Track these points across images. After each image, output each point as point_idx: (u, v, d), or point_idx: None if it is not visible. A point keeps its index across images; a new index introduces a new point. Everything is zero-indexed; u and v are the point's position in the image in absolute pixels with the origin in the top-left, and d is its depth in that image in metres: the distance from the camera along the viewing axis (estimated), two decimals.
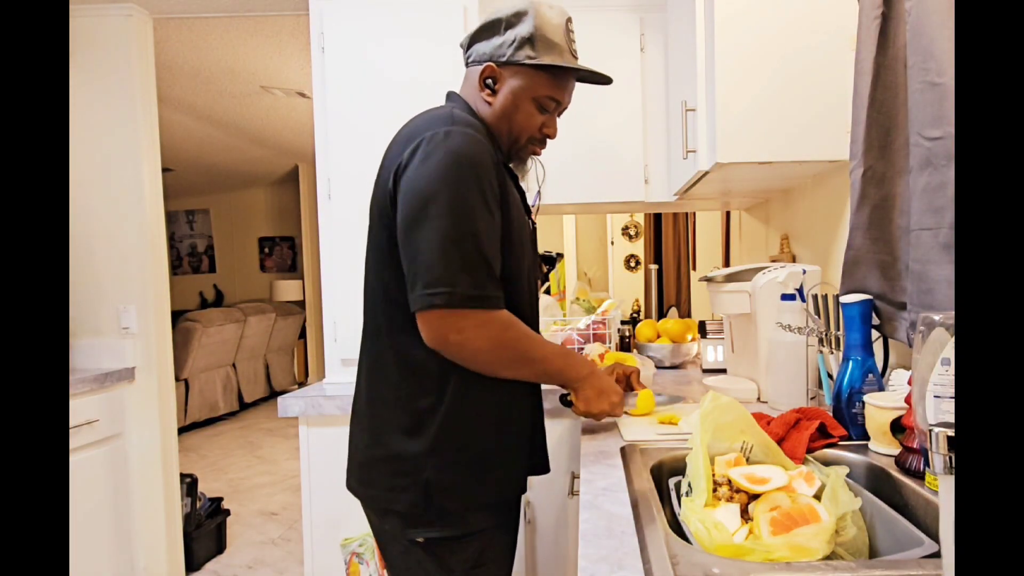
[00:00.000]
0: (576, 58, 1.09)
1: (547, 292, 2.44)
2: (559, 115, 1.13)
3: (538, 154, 1.14)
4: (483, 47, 1.07)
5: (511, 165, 1.12)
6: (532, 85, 1.05)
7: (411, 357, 0.99)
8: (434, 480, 0.97)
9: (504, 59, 1.04)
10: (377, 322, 1.04)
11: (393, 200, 0.97)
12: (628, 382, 1.27)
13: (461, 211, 0.92)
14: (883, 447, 1.01)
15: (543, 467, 1.14)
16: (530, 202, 1.93)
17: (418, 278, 0.93)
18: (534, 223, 1.20)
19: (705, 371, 1.92)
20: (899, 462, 0.94)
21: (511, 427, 1.04)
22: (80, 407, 2.08)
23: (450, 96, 1.13)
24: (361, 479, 1.05)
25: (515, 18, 1.04)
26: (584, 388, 1.09)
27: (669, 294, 4.09)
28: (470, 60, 1.10)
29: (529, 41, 1.03)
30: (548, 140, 1.13)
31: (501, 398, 1.02)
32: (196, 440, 4.92)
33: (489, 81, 1.07)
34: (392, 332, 1.01)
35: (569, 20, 1.08)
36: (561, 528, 1.69)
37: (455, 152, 0.93)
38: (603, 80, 1.12)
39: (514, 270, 1.03)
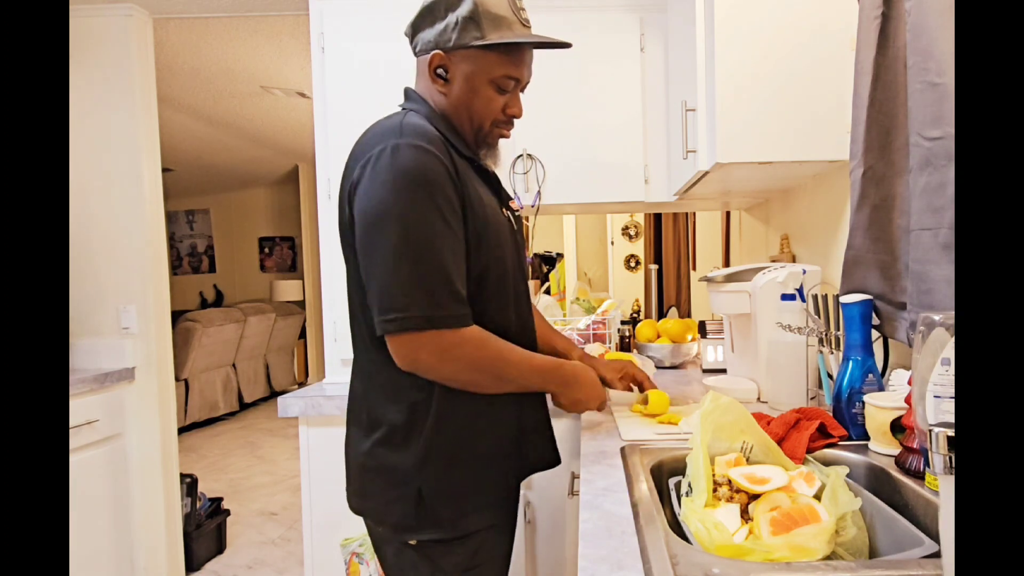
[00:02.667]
0: (528, 27, 1.02)
1: (547, 292, 2.44)
2: (522, 91, 1.07)
3: (506, 136, 1.09)
4: (427, 35, 1.00)
5: (480, 153, 1.08)
6: (485, 67, 0.99)
7: (392, 373, 0.97)
8: (426, 490, 0.97)
9: (451, 44, 0.98)
10: (362, 335, 1.03)
11: (351, 221, 0.95)
12: (640, 386, 1.30)
13: (413, 230, 0.89)
14: (883, 447, 1.01)
15: (546, 461, 1.11)
16: (530, 202, 1.94)
17: (374, 304, 0.91)
18: (516, 214, 1.16)
19: (705, 371, 1.92)
20: (899, 462, 0.94)
21: (497, 429, 1.03)
22: (80, 407, 2.08)
23: (407, 94, 1.08)
24: (358, 491, 1.04)
25: None
26: (559, 399, 1.09)
27: (669, 294, 4.09)
28: (417, 49, 1.03)
29: (472, 20, 0.96)
30: (515, 120, 1.08)
31: (485, 402, 1.00)
32: (196, 440, 4.92)
33: (440, 71, 1.01)
34: (376, 345, 0.99)
35: None
36: (561, 528, 1.69)
37: (403, 169, 0.90)
38: (560, 46, 1.04)
39: (495, 273, 1.01)
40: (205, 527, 2.72)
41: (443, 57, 1.00)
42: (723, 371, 1.82)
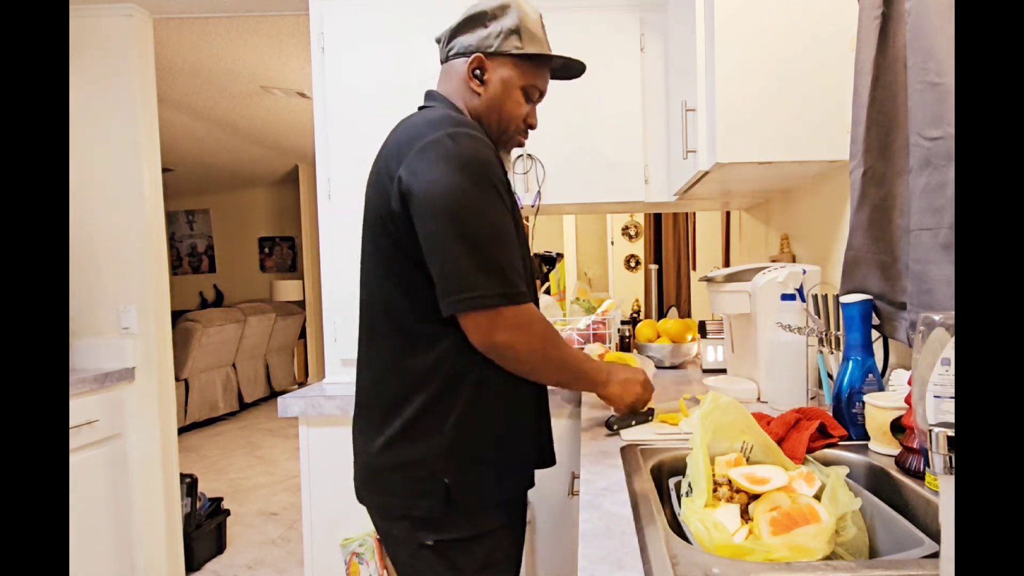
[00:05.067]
0: (550, 49, 1.15)
1: (547, 292, 2.44)
2: (537, 103, 1.17)
3: (522, 145, 1.17)
4: (467, 39, 1.09)
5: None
6: (520, 74, 1.10)
7: (415, 365, 0.99)
8: (453, 483, 0.97)
9: (492, 49, 1.08)
10: (378, 329, 1.03)
11: (403, 207, 0.96)
12: None
13: (481, 215, 0.94)
14: (883, 447, 1.01)
15: (550, 460, 1.16)
16: (530, 202, 1.94)
17: (451, 284, 0.94)
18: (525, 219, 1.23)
19: (705, 371, 1.92)
20: (899, 462, 0.94)
21: (519, 424, 1.06)
22: (80, 407, 2.08)
23: (431, 95, 1.13)
24: (375, 488, 1.04)
25: (500, 11, 1.08)
26: (610, 387, 1.14)
27: (669, 294, 4.09)
28: (452, 53, 1.11)
29: (515, 33, 1.08)
30: (531, 131, 1.17)
31: (509, 397, 1.04)
32: (196, 440, 4.92)
33: (478, 72, 1.09)
34: (394, 340, 1.00)
35: (541, 16, 1.15)
36: (561, 528, 1.69)
37: (466, 156, 0.95)
38: (579, 69, 1.17)
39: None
40: (205, 527, 2.72)
41: (483, 60, 1.09)
42: (723, 371, 1.82)
